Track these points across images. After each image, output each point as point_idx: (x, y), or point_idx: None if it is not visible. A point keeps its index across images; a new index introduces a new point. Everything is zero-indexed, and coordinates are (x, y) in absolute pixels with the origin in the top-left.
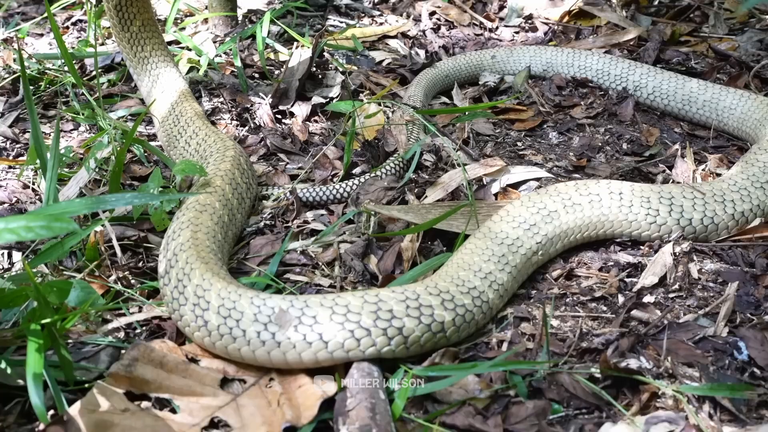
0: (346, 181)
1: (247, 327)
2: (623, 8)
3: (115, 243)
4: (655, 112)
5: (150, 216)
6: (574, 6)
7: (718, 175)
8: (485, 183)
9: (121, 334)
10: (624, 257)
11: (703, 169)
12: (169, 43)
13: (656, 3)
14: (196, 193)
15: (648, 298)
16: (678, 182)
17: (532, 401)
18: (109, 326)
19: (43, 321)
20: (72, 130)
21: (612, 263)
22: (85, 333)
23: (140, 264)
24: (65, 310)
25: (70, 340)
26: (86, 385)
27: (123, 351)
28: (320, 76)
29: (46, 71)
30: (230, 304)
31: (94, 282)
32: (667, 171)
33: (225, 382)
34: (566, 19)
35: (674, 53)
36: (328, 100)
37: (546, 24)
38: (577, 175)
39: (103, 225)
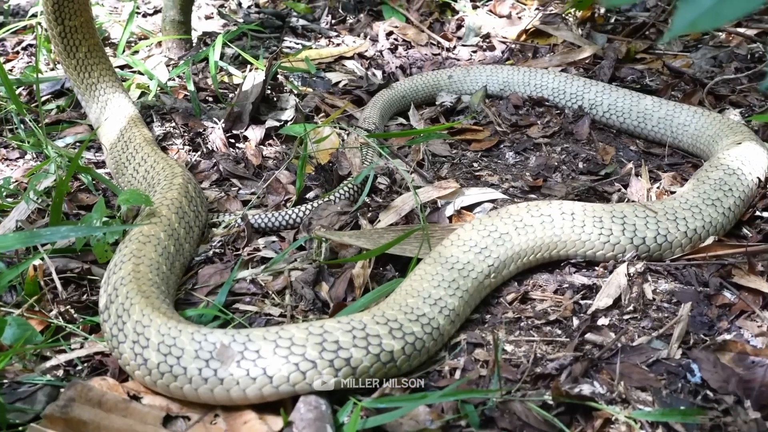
0: (299, 207)
1: (188, 364)
2: (579, 26)
3: (55, 277)
4: (611, 130)
5: (92, 248)
6: (531, 25)
7: (672, 192)
8: (439, 206)
9: (61, 372)
10: (579, 279)
11: (657, 188)
12: (121, 67)
13: (612, 21)
14: (140, 224)
15: (602, 321)
16: (632, 201)
17: (484, 431)
18: (49, 364)
19: None
20: (18, 158)
21: (567, 285)
22: (22, 372)
23: (83, 297)
24: None
25: (5, 380)
26: (20, 429)
27: (62, 390)
28: (275, 99)
29: None
30: (170, 340)
31: (33, 318)
32: (623, 190)
33: (168, 419)
34: (523, 37)
35: (629, 71)
36: (282, 123)
37: (503, 43)
38: (533, 196)
39: (42, 258)
